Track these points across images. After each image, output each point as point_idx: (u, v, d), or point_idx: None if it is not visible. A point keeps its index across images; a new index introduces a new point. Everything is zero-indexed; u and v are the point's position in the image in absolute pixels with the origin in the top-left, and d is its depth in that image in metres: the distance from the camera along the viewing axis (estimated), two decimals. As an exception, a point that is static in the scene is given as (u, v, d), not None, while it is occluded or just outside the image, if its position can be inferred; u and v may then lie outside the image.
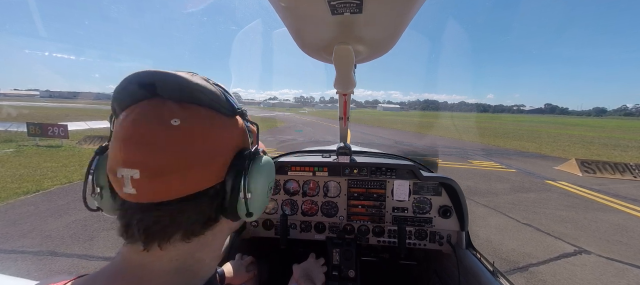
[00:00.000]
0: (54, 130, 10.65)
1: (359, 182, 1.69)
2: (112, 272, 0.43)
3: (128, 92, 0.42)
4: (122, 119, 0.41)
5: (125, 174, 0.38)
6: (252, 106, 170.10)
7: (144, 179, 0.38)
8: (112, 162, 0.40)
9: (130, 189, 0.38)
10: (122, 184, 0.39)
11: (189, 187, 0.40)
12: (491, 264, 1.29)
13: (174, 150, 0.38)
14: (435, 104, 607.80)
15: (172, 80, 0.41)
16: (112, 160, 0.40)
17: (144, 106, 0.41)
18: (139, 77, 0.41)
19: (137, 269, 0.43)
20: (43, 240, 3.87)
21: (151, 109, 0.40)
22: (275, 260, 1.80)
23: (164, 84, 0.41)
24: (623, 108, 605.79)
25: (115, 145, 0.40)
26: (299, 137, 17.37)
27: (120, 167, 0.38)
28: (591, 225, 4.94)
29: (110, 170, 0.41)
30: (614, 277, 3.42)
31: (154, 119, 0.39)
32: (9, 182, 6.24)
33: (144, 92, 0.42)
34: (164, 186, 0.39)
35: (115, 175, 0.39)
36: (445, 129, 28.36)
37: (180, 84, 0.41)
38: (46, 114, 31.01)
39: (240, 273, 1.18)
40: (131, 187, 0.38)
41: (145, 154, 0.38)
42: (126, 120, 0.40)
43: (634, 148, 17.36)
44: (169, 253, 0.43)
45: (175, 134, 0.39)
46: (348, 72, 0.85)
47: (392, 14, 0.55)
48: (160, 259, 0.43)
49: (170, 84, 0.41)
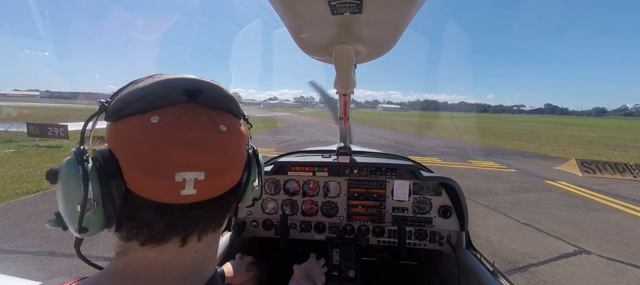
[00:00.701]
0: (54, 130, 10.65)
1: (359, 182, 1.69)
2: (123, 273, 0.42)
3: (170, 95, 0.42)
4: (162, 121, 0.40)
5: (188, 176, 0.39)
6: (252, 106, 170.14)
7: (207, 179, 0.41)
8: (163, 166, 0.38)
9: (191, 191, 0.40)
10: (180, 186, 0.39)
11: (232, 183, 0.47)
12: (491, 264, 1.29)
13: (226, 152, 0.44)
14: (435, 104, 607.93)
15: (214, 90, 0.46)
16: (163, 164, 0.38)
17: (192, 112, 0.42)
18: (189, 83, 0.43)
19: (154, 266, 0.43)
20: (43, 240, 3.87)
21: (201, 115, 0.43)
22: (275, 260, 1.80)
23: (208, 92, 0.45)
24: (623, 108, 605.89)
25: (169, 148, 0.39)
26: (299, 137, 17.38)
27: (181, 171, 0.39)
28: (591, 225, 4.94)
29: (158, 174, 0.38)
30: (614, 277, 3.42)
31: (210, 125, 0.43)
32: (9, 183, 6.25)
33: (183, 97, 0.43)
34: (220, 184, 0.44)
35: (171, 179, 0.39)
36: (445, 129, 28.36)
37: (220, 94, 0.46)
38: (46, 114, 31.02)
39: (240, 273, 1.18)
40: (193, 188, 0.40)
41: (209, 157, 0.41)
42: (176, 123, 0.40)
43: (634, 148, 17.36)
44: (196, 246, 0.47)
45: (225, 138, 0.44)
46: (348, 72, 0.86)
47: (392, 14, 0.55)
48: (186, 254, 0.46)
49: (212, 93, 0.45)
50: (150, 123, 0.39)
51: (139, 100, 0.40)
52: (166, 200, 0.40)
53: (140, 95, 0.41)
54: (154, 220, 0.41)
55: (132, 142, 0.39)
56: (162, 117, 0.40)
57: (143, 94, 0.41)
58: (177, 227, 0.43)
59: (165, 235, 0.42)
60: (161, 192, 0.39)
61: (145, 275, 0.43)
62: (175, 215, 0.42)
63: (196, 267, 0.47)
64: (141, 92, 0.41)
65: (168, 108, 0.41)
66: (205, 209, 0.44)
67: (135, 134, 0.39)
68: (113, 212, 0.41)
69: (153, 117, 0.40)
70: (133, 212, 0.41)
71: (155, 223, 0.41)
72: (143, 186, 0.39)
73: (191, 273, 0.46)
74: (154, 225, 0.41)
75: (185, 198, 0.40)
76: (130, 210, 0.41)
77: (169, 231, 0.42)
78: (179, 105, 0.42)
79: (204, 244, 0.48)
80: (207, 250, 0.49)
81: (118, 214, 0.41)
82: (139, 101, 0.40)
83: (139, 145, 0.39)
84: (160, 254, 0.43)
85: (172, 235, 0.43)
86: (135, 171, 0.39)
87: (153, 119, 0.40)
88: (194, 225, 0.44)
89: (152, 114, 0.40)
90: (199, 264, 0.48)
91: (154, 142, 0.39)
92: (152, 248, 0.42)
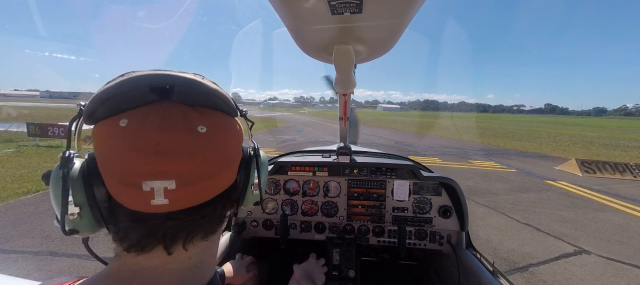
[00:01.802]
0: (54, 130, 10.65)
1: (359, 182, 1.69)
2: (117, 276, 0.41)
3: (134, 94, 0.38)
4: (130, 124, 0.36)
5: (156, 186, 0.36)
6: (252, 106, 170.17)
7: (179, 188, 0.37)
8: (130, 174, 0.36)
9: (162, 200, 0.36)
10: (149, 196, 0.36)
11: (215, 190, 0.42)
12: (491, 264, 1.29)
13: (204, 157, 0.39)
14: (435, 104, 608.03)
15: (190, 85, 0.40)
16: (130, 172, 0.36)
17: (162, 112, 0.38)
18: (155, 79, 0.38)
19: (148, 271, 0.42)
20: (43, 240, 3.87)
21: (172, 116, 0.38)
22: (275, 260, 1.80)
23: (182, 88, 0.39)
24: (623, 108, 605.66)
25: (133, 155, 0.35)
26: (299, 137, 17.38)
27: (148, 180, 0.35)
28: (591, 225, 4.94)
29: (126, 182, 0.36)
30: (613, 277, 3.42)
31: (183, 127, 0.37)
32: (9, 182, 6.24)
33: (155, 95, 0.38)
34: (198, 193, 0.39)
35: (139, 188, 0.36)
36: (445, 129, 28.35)
37: (198, 89, 0.40)
38: (46, 114, 31.00)
39: (240, 273, 1.18)
40: (164, 198, 0.36)
41: (180, 164, 0.37)
42: (142, 127, 0.36)
43: (634, 148, 17.35)
44: (186, 253, 0.44)
45: (204, 141, 0.39)
46: (348, 72, 0.86)
47: (392, 14, 0.55)
48: (179, 260, 0.43)
49: (187, 89, 0.40)
50: (119, 127, 0.37)
51: (107, 101, 0.38)
52: (138, 208, 0.37)
53: (107, 96, 0.37)
54: (130, 228, 0.39)
55: (104, 148, 0.38)
56: (130, 120, 0.37)
57: (110, 95, 0.37)
58: (154, 236, 0.40)
59: (144, 244, 0.40)
60: (131, 200, 0.37)
61: (140, 278, 0.41)
62: (149, 225, 0.39)
63: (191, 271, 0.45)
64: (108, 93, 0.37)
65: (138, 109, 0.38)
66: (184, 219, 0.40)
67: (106, 138, 0.37)
68: (98, 216, 0.40)
69: (122, 120, 0.37)
70: (113, 218, 0.40)
71: (130, 232, 0.39)
72: (116, 193, 0.38)
73: (186, 278, 0.44)
74: (130, 234, 0.39)
75: (158, 208, 0.37)
76: (111, 216, 0.40)
77: (145, 241, 0.39)
78: (151, 106, 0.38)
79: (198, 250, 0.45)
80: (203, 255, 0.46)
81: (104, 219, 0.40)
82: (107, 103, 0.38)
83: (109, 151, 0.37)
84: (150, 260, 0.41)
85: (152, 244, 0.40)
86: (109, 178, 0.38)
87: (122, 122, 0.37)
88: (172, 236, 0.40)
89: (121, 116, 0.37)
90: (194, 268, 0.45)
91: (122, 147, 0.36)
92: (138, 255, 0.40)
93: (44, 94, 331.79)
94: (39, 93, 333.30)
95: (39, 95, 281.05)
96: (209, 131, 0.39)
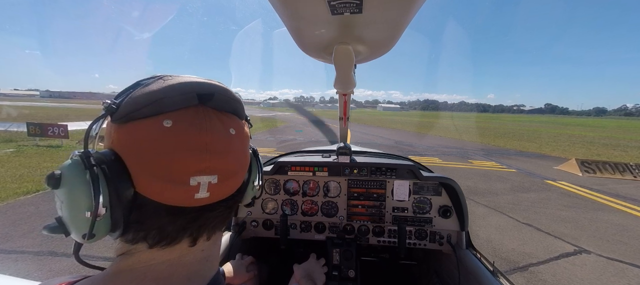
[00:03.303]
0: (54, 130, 10.66)
1: (359, 182, 1.69)
2: (130, 272, 0.42)
3: (183, 99, 0.41)
4: (176, 126, 0.39)
5: (203, 180, 0.41)
6: (252, 106, 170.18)
7: (220, 182, 0.43)
8: (179, 171, 0.39)
9: (204, 194, 0.41)
10: (195, 190, 0.40)
11: (239, 184, 0.49)
12: (491, 263, 1.29)
13: (236, 155, 0.46)
14: (435, 104, 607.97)
15: (225, 93, 0.46)
16: (179, 169, 0.39)
17: (204, 115, 0.42)
18: (201, 87, 0.43)
19: (163, 265, 0.44)
20: (43, 240, 3.87)
21: (213, 119, 0.43)
22: (275, 260, 1.80)
23: (220, 96, 0.45)
24: (623, 108, 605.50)
25: (185, 154, 0.39)
26: (299, 137, 17.38)
27: (196, 176, 0.40)
28: (591, 225, 4.94)
29: (173, 179, 0.39)
30: (613, 276, 3.42)
31: (222, 129, 0.44)
32: (9, 182, 6.25)
33: (195, 100, 0.42)
34: (230, 186, 0.46)
35: (186, 184, 0.39)
36: (446, 129, 28.35)
37: (229, 98, 0.47)
38: (46, 114, 31.01)
39: (240, 273, 1.18)
40: (206, 192, 0.41)
41: (221, 161, 0.43)
42: (190, 128, 0.40)
43: (634, 148, 17.35)
44: (204, 244, 0.48)
45: (235, 141, 0.46)
46: (348, 72, 0.85)
47: (392, 14, 0.55)
48: (194, 252, 0.47)
49: (223, 97, 0.46)
50: (163, 127, 0.39)
51: (152, 103, 0.39)
52: (179, 203, 0.41)
53: (153, 98, 0.39)
54: (166, 223, 0.42)
55: (144, 146, 0.38)
56: (175, 121, 0.40)
57: (156, 97, 0.39)
58: (189, 229, 0.44)
59: (176, 237, 0.43)
60: (175, 196, 0.40)
61: (153, 274, 0.43)
62: (188, 218, 0.43)
63: (201, 265, 0.48)
64: (154, 96, 0.40)
65: (180, 111, 0.41)
66: (216, 211, 0.46)
67: (147, 137, 0.39)
68: (120, 217, 0.39)
69: (165, 121, 0.39)
70: (142, 216, 0.40)
71: (167, 226, 0.42)
72: (156, 190, 0.39)
73: (196, 271, 0.47)
74: (166, 228, 0.42)
75: (199, 201, 0.42)
76: (139, 214, 0.40)
77: (180, 233, 0.43)
78: (191, 109, 0.42)
79: (211, 242, 0.50)
80: (212, 248, 0.51)
81: (126, 219, 0.40)
82: (152, 105, 0.39)
83: (152, 149, 0.38)
84: (170, 254, 0.44)
85: (183, 236, 0.44)
86: (148, 175, 0.38)
87: (166, 123, 0.39)
88: (205, 226, 0.46)
89: (164, 117, 0.39)
90: (204, 262, 0.49)
91: (168, 146, 0.38)
92: (162, 249, 0.43)
93: (44, 93, 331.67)
94: (39, 93, 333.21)
95: (39, 95, 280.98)
96: (237, 133, 0.47)
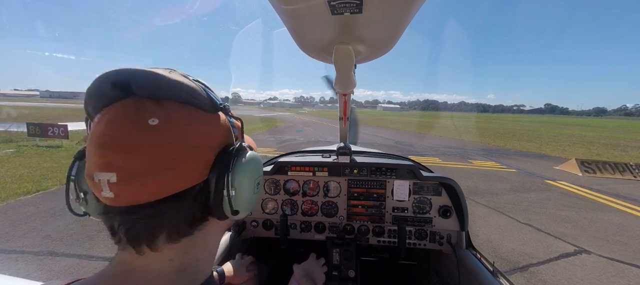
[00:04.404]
0: (53, 130, 10.64)
1: (359, 182, 1.69)
2: (113, 277, 0.43)
3: (101, 92, 0.40)
4: (97, 121, 0.39)
5: (102, 178, 0.37)
6: (252, 106, 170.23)
7: (121, 182, 0.37)
8: (89, 166, 0.39)
9: (108, 193, 0.37)
10: (100, 188, 0.38)
11: (169, 188, 0.39)
12: (491, 264, 1.29)
13: (152, 151, 0.38)
14: (435, 104, 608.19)
15: (148, 78, 0.40)
16: (89, 164, 0.39)
17: (119, 107, 0.39)
18: (112, 77, 0.39)
19: (137, 272, 0.43)
20: (43, 240, 3.87)
21: (127, 109, 0.39)
22: (275, 260, 1.80)
23: (139, 82, 0.39)
24: (623, 108, 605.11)
25: (91, 149, 0.39)
26: (299, 137, 17.38)
27: (96, 172, 0.37)
28: (591, 225, 4.94)
29: (88, 174, 0.39)
30: (613, 276, 3.42)
31: (130, 120, 0.38)
32: (9, 182, 6.24)
33: (119, 92, 0.39)
34: (142, 189, 0.38)
35: (93, 179, 0.38)
36: (446, 129, 28.36)
37: (157, 82, 0.40)
38: (46, 114, 31.00)
39: (240, 273, 1.18)
40: (109, 191, 0.37)
41: (121, 157, 0.37)
42: (101, 122, 0.39)
43: (634, 148, 17.35)
44: (165, 254, 0.43)
45: (154, 134, 0.38)
46: (348, 72, 0.85)
47: (392, 14, 0.55)
48: (159, 261, 0.43)
49: (146, 82, 0.40)
50: (93, 124, 0.40)
51: (86, 104, 0.42)
52: (101, 201, 0.40)
53: (87, 97, 0.41)
54: (103, 220, 0.43)
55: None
56: (100, 117, 0.40)
57: (87, 95, 0.41)
58: (117, 233, 0.41)
59: (114, 238, 0.42)
60: (93, 190, 0.41)
61: (132, 279, 0.42)
62: (110, 218, 0.41)
63: (178, 274, 0.44)
64: (87, 95, 0.41)
65: (112, 106, 0.40)
66: (134, 216, 0.39)
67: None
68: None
69: (96, 118, 0.40)
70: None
71: (105, 224, 0.43)
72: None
73: (173, 280, 0.44)
74: (109, 227, 0.42)
75: (107, 200, 0.38)
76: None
77: (115, 235, 0.42)
78: (120, 102, 0.40)
79: (176, 252, 0.44)
80: (186, 258, 0.45)
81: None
82: (87, 105, 0.42)
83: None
84: (135, 260, 0.43)
85: (119, 239, 0.42)
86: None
87: (95, 119, 0.40)
88: (130, 232, 0.40)
89: (98, 114, 0.40)
90: (181, 271, 0.45)
91: (89, 143, 0.40)
92: (123, 251, 0.43)
93: (44, 93, 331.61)
94: (39, 93, 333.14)
95: (39, 95, 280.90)
96: (161, 124, 0.38)
